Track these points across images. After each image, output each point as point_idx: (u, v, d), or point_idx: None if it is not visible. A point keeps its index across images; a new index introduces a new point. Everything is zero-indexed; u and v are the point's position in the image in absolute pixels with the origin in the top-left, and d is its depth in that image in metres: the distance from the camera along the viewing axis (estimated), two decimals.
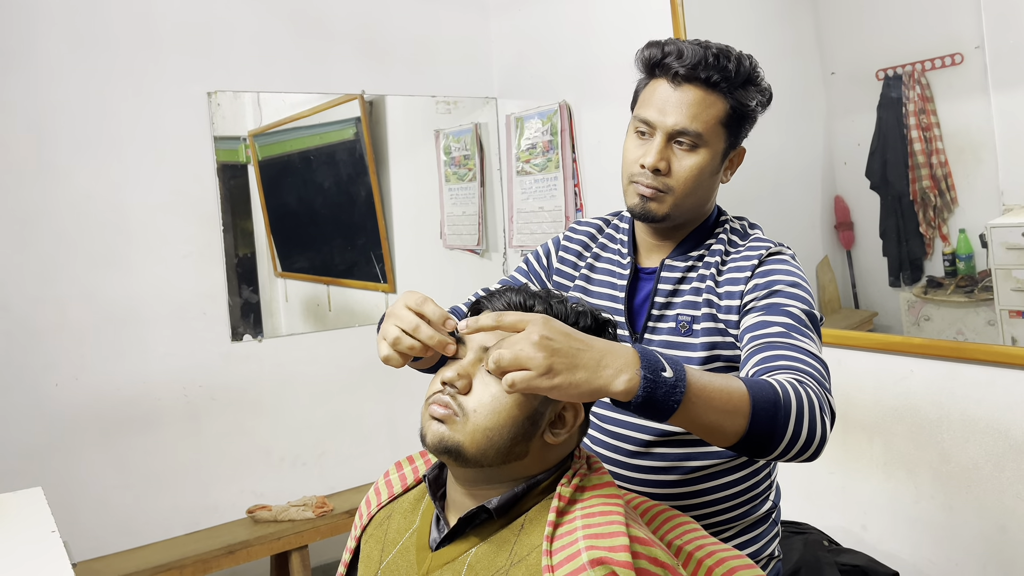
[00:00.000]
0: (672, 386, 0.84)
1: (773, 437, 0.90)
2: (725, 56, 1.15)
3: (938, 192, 1.93)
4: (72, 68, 2.57)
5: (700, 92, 1.15)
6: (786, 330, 1.05)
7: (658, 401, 0.84)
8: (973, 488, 1.89)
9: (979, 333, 1.86)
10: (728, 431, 0.89)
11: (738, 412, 0.89)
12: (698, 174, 1.16)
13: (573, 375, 0.82)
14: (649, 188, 1.17)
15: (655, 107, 1.17)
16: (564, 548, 0.86)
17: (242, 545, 2.54)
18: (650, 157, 1.15)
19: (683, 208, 1.19)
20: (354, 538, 1.12)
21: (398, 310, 0.98)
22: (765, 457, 0.93)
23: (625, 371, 0.83)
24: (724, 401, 0.88)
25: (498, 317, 0.87)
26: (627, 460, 1.21)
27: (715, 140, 1.16)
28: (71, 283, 2.57)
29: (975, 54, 1.81)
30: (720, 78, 1.14)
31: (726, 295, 1.16)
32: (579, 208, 3.01)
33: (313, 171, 3.10)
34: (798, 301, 1.10)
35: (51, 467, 2.51)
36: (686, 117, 1.14)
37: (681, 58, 1.14)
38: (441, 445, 0.92)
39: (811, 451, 0.93)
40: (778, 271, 1.15)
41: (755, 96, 1.17)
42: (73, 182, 2.58)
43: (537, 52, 3.16)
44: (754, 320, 1.09)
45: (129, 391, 2.66)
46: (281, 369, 2.94)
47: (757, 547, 1.24)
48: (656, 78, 1.19)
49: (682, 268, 1.21)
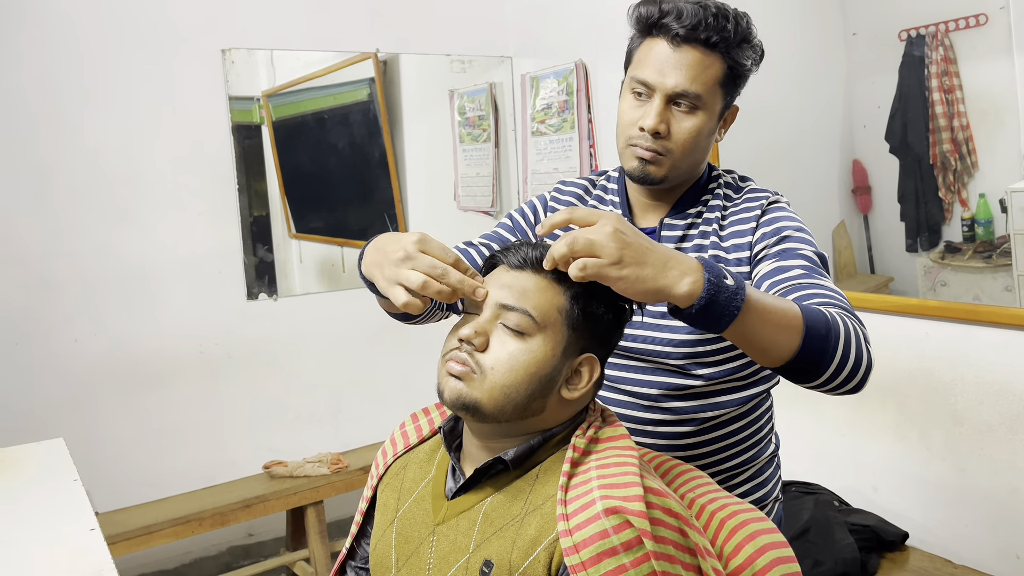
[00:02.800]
0: (733, 293, 0.86)
1: (823, 358, 0.92)
2: (723, 16, 1.12)
3: (958, 156, 1.91)
4: (81, 20, 2.56)
5: (699, 53, 1.12)
6: (807, 272, 1.07)
7: (719, 306, 0.85)
8: (986, 450, 1.90)
9: (996, 299, 1.85)
10: (782, 348, 0.91)
11: (792, 329, 0.90)
12: (697, 136, 1.15)
13: (641, 269, 0.84)
14: (648, 151, 1.15)
15: (653, 68, 1.14)
16: (579, 497, 0.87)
17: (259, 499, 2.58)
18: (650, 119, 1.13)
19: (681, 169, 1.18)
20: (371, 487, 1.14)
21: (407, 249, 0.92)
22: (811, 382, 0.94)
23: (690, 274, 0.85)
24: (780, 316, 0.90)
25: (571, 211, 0.88)
26: (639, 415, 1.22)
27: (713, 101, 1.15)
28: (87, 238, 2.60)
29: (1000, 15, 1.78)
30: (719, 39, 1.12)
31: (733, 248, 1.17)
32: (594, 168, 2.99)
33: (327, 132, 3.10)
34: (808, 244, 1.12)
35: (71, 420, 2.56)
36: (686, 79, 1.12)
37: (681, 18, 1.11)
38: (459, 402, 0.92)
39: (857, 379, 0.94)
40: (782, 218, 1.16)
41: (750, 55, 1.16)
42: (85, 136, 2.58)
43: (553, 10, 3.12)
44: (771, 266, 1.10)
45: (147, 347, 2.69)
46: (296, 328, 2.97)
47: (766, 490, 1.26)
48: (652, 37, 1.16)
49: (682, 227, 1.21)
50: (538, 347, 0.92)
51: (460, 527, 0.94)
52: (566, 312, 0.93)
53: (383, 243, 0.98)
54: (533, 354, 0.91)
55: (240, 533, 2.94)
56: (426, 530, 0.98)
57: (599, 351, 0.98)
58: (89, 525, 1.30)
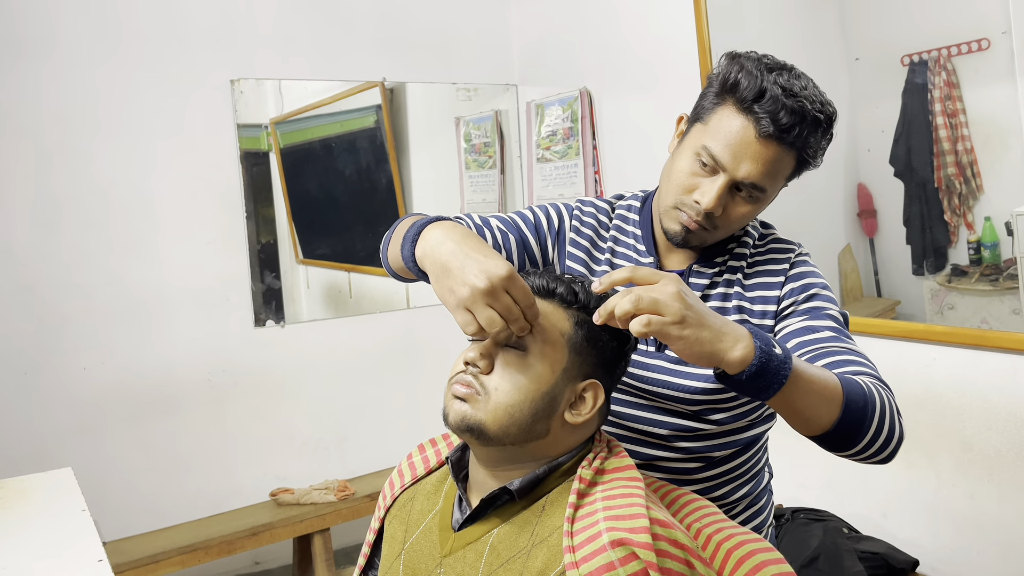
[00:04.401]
0: (782, 361, 0.88)
1: (860, 430, 0.93)
2: (816, 124, 1.07)
3: (963, 179, 1.91)
4: (97, 55, 2.61)
5: (780, 150, 1.07)
6: (836, 334, 1.07)
7: (770, 373, 0.87)
8: (995, 476, 1.88)
9: (1003, 322, 1.84)
10: (823, 418, 0.93)
11: (833, 400, 0.92)
12: (747, 220, 1.13)
13: (700, 331, 0.86)
14: (696, 224, 1.12)
15: (729, 149, 1.07)
16: (585, 529, 0.87)
17: (265, 527, 2.58)
18: (709, 200, 1.08)
19: (717, 240, 1.17)
20: (378, 519, 1.14)
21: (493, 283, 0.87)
22: (845, 451, 0.96)
23: (743, 340, 0.87)
24: (822, 387, 0.92)
25: (633, 270, 0.90)
26: (647, 451, 1.21)
27: (774, 192, 1.13)
28: (98, 268, 2.62)
29: (1002, 39, 1.79)
30: (803, 143, 1.08)
31: (759, 300, 1.15)
32: (599, 195, 3.01)
33: (334, 158, 3.12)
34: (833, 304, 1.12)
35: (80, 449, 2.57)
36: (759, 173, 1.07)
37: (776, 118, 1.04)
38: (463, 424, 0.93)
39: (889, 450, 0.97)
40: (808, 274, 1.15)
41: (823, 150, 1.13)
42: (98, 168, 2.62)
43: (558, 38, 3.15)
44: (800, 324, 1.09)
45: (155, 375, 2.70)
46: (303, 355, 2.97)
47: (763, 518, 1.27)
48: (737, 109, 1.08)
49: (710, 274, 1.18)
50: (537, 363, 0.94)
51: (467, 559, 0.94)
52: (568, 336, 0.96)
53: (462, 246, 0.92)
54: (533, 370, 0.93)
55: (247, 561, 2.93)
56: (433, 562, 0.98)
57: (603, 379, 0.98)
58: (97, 556, 1.30)
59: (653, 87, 2.72)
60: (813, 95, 1.06)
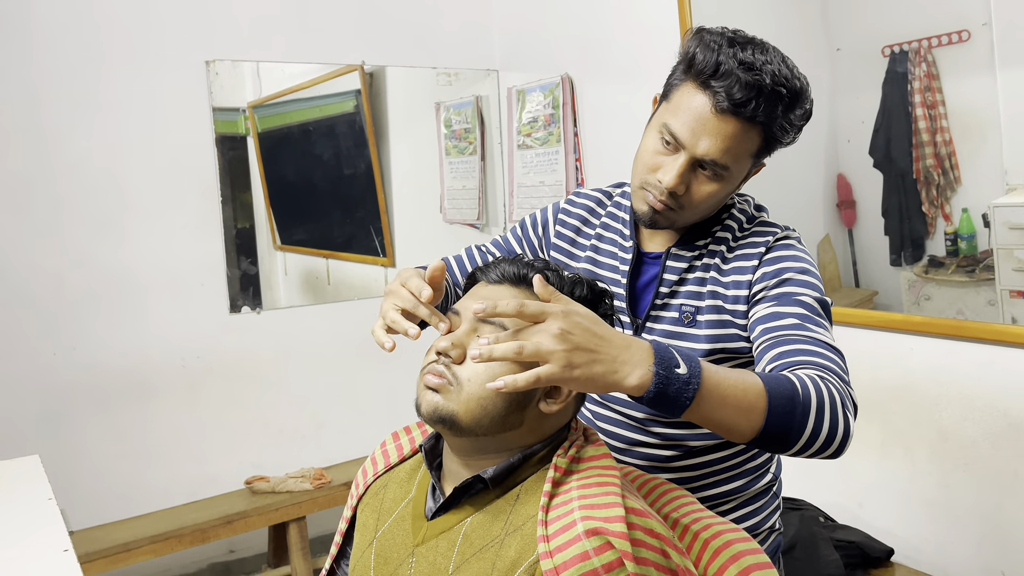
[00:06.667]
0: (685, 383, 0.85)
1: (790, 434, 0.90)
2: (777, 96, 1.04)
3: (941, 171, 1.91)
4: (66, 30, 2.54)
5: (740, 125, 1.05)
6: (800, 321, 1.03)
7: (670, 397, 0.84)
8: (971, 466, 1.89)
9: (979, 313, 1.85)
10: (744, 428, 0.89)
11: (754, 409, 0.89)
12: (713, 199, 1.11)
13: (591, 368, 0.82)
14: (660, 203, 1.11)
15: (688, 126, 1.06)
16: (560, 518, 0.86)
17: (240, 516, 2.55)
18: (669, 178, 1.08)
19: (690, 221, 1.15)
20: (350, 507, 1.12)
21: (395, 287, 1.01)
22: (784, 453, 0.93)
23: (639, 367, 0.84)
24: (739, 399, 0.88)
25: (520, 307, 0.84)
26: (626, 434, 1.21)
27: (740, 169, 1.10)
28: (68, 251, 2.56)
29: (982, 31, 1.79)
30: (765, 117, 1.05)
31: (732, 284, 1.13)
32: (580, 183, 2.99)
33: (313, 144, 3.08)
34: (809, 289, 1.08)
35: (49, 436, 2.52)
36: (718, 149, 1.06)
37: (731, 93, 1.02)
38: (436, 414, 0.92)
39: (833, 447, 0.92)
40: (786, 258, 1.12)
41: (796, 127, 1.09)
42: (68, 146, 2.56)
43: (540, 24, 3.12)
44: (766, 311, 1.07)
45: (127, 361, 2.66)
46: (279, 341, 2.94)
47: (756, 520, 1.24)
48: (697, 86, 1.06)
49: (688, 257, 1.17)
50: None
51: (440, 548, 0.93)
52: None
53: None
54: (508, 365, 0.90)
55: (221, 550, 2.90)
56: (405, 551, 0.96)
57: None
58: (63, 546, 1.27)
59: (635, 75, 2.71)
60: (776, 69, 1.03)
